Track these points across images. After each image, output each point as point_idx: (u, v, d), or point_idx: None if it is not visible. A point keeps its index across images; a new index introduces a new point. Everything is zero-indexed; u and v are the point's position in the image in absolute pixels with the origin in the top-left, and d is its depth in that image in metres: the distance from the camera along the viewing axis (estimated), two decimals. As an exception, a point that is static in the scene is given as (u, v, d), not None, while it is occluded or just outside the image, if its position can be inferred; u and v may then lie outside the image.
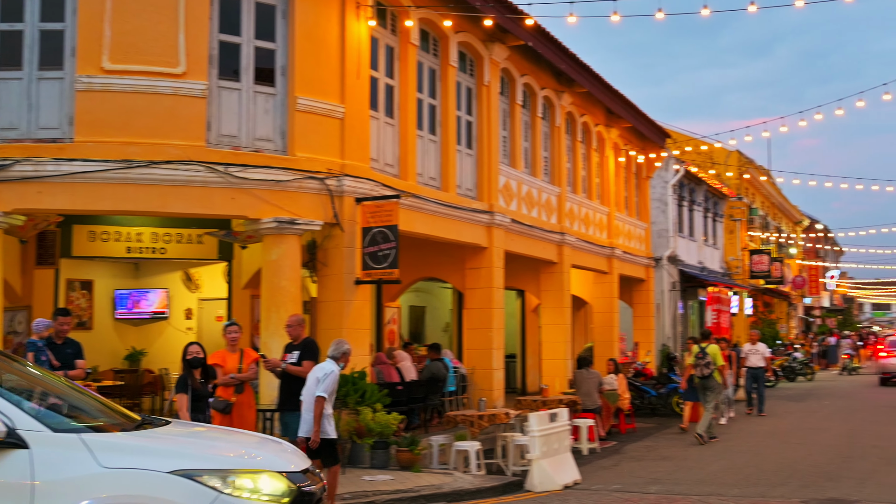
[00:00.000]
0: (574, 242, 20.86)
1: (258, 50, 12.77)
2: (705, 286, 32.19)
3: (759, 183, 43.07)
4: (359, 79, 13.52)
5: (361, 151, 13.53)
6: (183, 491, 5.38)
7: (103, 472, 5.30)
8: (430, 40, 15.97)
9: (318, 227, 12.87)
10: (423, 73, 15.71)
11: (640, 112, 24.52)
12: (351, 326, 13.05)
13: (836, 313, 70.29)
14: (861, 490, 11.56)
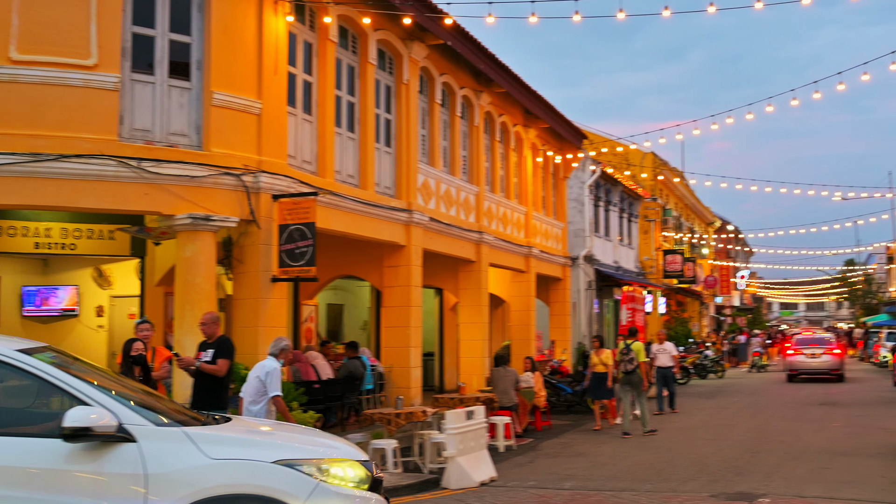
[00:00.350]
0: (492, 241, 21.00)
1: (173, 43, 12.55)
2: (620, 285, 32.70)
3: (673, 184, 43.96)
4: (276, 75, 13.39)
5: (279, 148, 13.41)
6: (288, 479, 5.72)
7: (212, 462, 5.60)
8: (349, 37, 15.90)
9: (233, 223, 12.70)
10: (341, 70, 15.63)
11: (558, 113, 24.81)
12: (267, 324, 12.93)
13: (746, 312, 72.11)
14: (767, 484, 11.87)
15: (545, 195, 26.45)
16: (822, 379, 32.92)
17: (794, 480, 12.13)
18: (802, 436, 16.95)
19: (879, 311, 68.48)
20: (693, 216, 52.34)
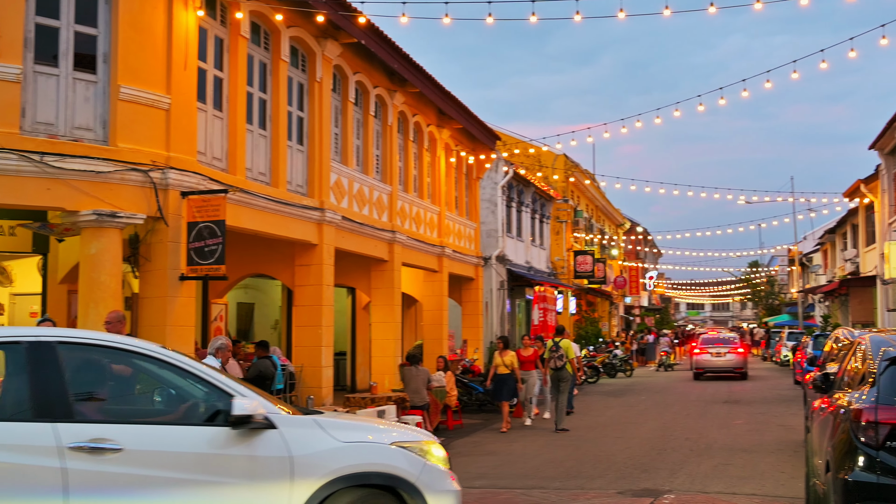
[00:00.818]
0: (405, 241, 21.01)
1: (78, 35, 12.23)
2: (532, 285, 33.03)
3: (584, 186, 44.58)
4: (186, 70, 13.17)
5: (188, 144, 13.19)
6: (404, 459, 6.52)
7: (342, 445, 6.32)
8: (261, 34, 15.73)
9: (140, 220, 12.46)
10: (253, 67, 15.46)
11: (471, 114, 24.95)
12: (175, 323, 12.72)
13: (655, 312, 73.51)
14: (672, 481, 12.13)
15: (458, 195, 26.57)
16: (726, 377, 33.86)
17: (698, 476, 12.41)
18: (706, 433, 17.36)
19: (781, 312, 70.63)
20: (604, 218, 53.17)
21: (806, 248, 60.31)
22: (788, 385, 30.23)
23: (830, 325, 39.03)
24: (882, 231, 31.28)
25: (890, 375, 7.03)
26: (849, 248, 41.59)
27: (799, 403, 21.17)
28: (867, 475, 6.73)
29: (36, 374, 5.73)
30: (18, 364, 5.77)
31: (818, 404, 9.25)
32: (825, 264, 51.68)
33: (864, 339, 8.25)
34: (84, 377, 6.18)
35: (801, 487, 10.75)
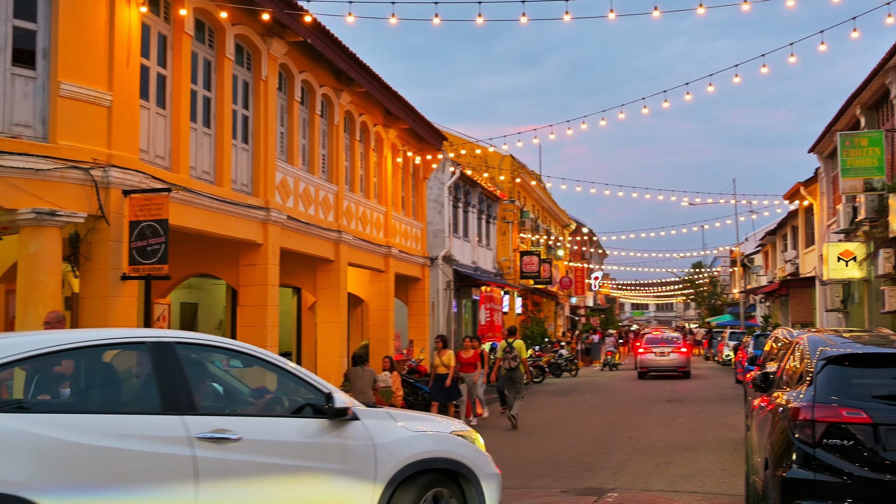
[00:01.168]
0: (351, 241, 20.94)
1: (17, 30, 11.99)
2: (479, 285, 33.13)
3: (531, 187, 44.82)
4: (128, 66, 12.99)
5: (130, 142, 13.00)
6: (464, 446, 7.46)
7: (413, 434, 7.17)
8: (205, 31, 15.57)
9: (81, 219, 12.25)
10: (197, 64, 15.29)
11: (418, 114, 24.94)
12: (116, 324, 12.52)
13: (600, 312, 74.19)
14: (616, 479, 12.25)
15: (405, 195, 26.55)
16: (670, 376, 34.33)
17: (641, 475, 12.56)
18: (650, 432, 17.56)
19: (723, 312, 71.68)
20: (550, 218, 53.50)
21: (748, 250, 61.30)
22: (730, 384, 30.70)
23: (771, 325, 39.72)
24: (821, 233, 31.90)
25: (827, 375, 7.17)
26: (789, 250, 42.35)
27: (740, 402, 21.50)
28: (804, 472, 6.86)
29: (162, 372, 6.27)
30: (145, 362, 6.34)
31: (758, 403, 9.40)
32: (766, 265, 52.57)
33: (802, 339, 8.41)
34: (200, 374, 6.85)
35: (742, 485, 10.92)
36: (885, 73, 21.42)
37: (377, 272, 23.84)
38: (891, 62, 20.72)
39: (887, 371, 7.24)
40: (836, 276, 26.12)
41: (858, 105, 24.41)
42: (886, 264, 21.81)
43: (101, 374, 6.53)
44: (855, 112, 24.98)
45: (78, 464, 5.63)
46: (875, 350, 7.56)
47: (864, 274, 25.11)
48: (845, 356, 7.32)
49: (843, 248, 25.77)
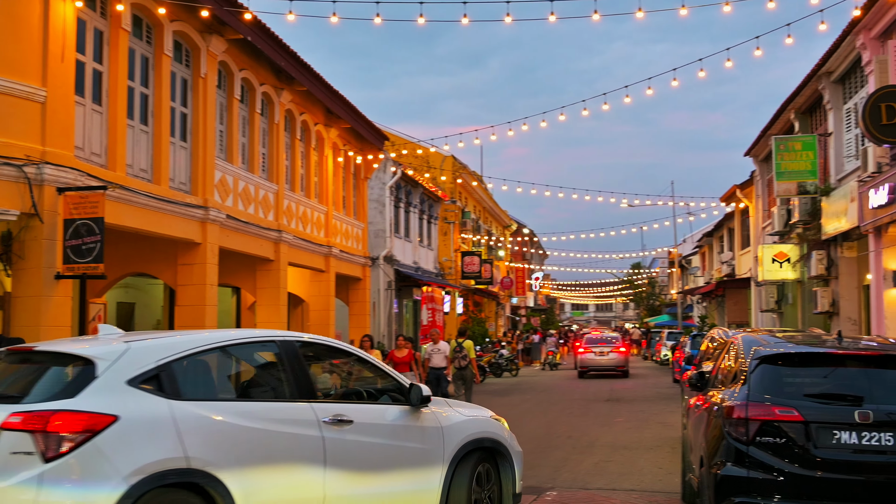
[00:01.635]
0: (291, 240, 20.80)
1: (-52, 23, 11.73)
2: (420, 285, 33.13)
3: (472, 188, 44.94)
4: (63, 62, 12.75)
5: (65, 139, 12.77)
6: (500, 428, 8.82)
7: (466, 418, 8.49)
8: (143, 27, 15.35)
9: (13, 216, 12.00)
10: (135, 61, 15.07)
11: (360, 113, 24.87)
12: (50, 324, 12.29)
13: (540, 313, 74.61)
14: (555, 478, 12.32)
15: (346, 195, 26.45)
16: (609, 375, 34.69)
17: (580, 473, 12.65)
18: (589, 431, 17.71)
19: (662, 312, 72.65)
20: (491, 219, 53.70)
21: (685, 251, 62.20)
22: (668, 383, 31.09)
23: (707, 326, 40.31)
24: (756, 235, 32.48)
25: (760, 374, 7.30)
26: (725, 251, 43.03)
27: (677, 401, 21.78)
28: (738, 470, 6.98)
29: (291, 365, 7.32)
30: (278, 358, 7.36)
31: (694, 402, 9.53)
32: (703, 266, 53.36)
33: (736, 339, 8.54)
34: (317, 368, 8.20)
35: (678, 483, 11.07)
36: (819, 80, 21.87)
37: (318, 272, 23.71)
38: (823, 68, 21.16)
39: (818, 370, 7.40)
40: (770, 277, 26.60)
41: (793, 110, 24.89)
42: (819, 266, 22.28)
43: (249, 367, 7.74)
44: (789, 117, 25.47)
45: (245, 444, 6.62)
46: (807, 349, 7.72)
47: (798, 275, 25.61)
48: (778, 356, 7.45)
49: (778, 250, 26.26)
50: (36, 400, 6.19)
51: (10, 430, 5.89)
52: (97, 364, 6.37)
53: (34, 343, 7.98)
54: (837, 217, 20.53)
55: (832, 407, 6.98)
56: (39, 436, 5.82)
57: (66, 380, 6.46)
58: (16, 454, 5.83)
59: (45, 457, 5.78)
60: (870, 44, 18.34)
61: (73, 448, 5.83)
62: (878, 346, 7.86)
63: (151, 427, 6.22)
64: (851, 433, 6.83)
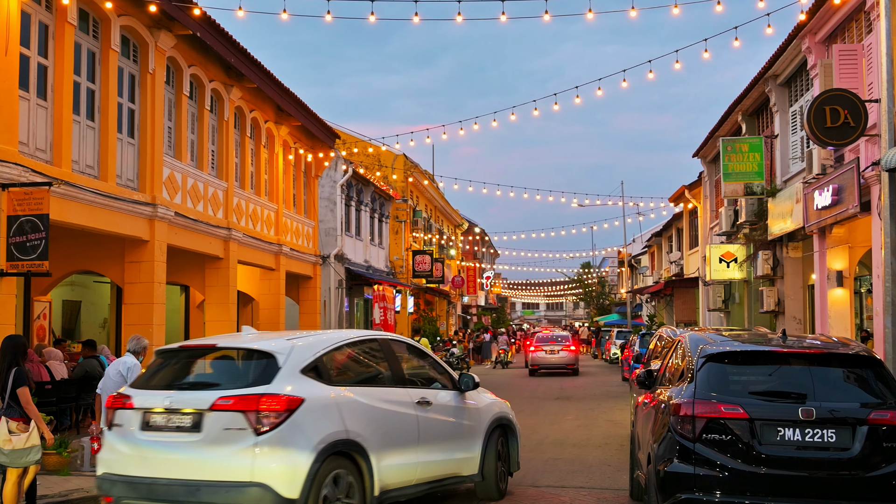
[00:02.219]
0: (241, 238, 20.64)
1: None
2: (371, 284, 33.05)
3: (423, 186, 44.94)
4: (6, 55, 12.50)
5: (8, 134, 12.53)
6: (509, 409, 11.22)
7: (492, 401, 10.86)
8: (90, 21, 15.11)
9: (-45, 213, 11.77)
10: (81, 55, 14.83)
11: (310, 111, 24.73)
12: (-8, 322, 12.07)
13: (491, 311, 74.85)
14: (504, 475, 12.35)
15: (297, 193, 26.30)
16: (559, 373, 34.95)
17: (529, 471, 12.68)
18: (538, 429, 17.78)
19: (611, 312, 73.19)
20: (442, 218, 53.73)
21: (635, 251, 62.74)
22: (617, 381, 31.35)
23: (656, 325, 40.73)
24: (704, 235, 32.86)
25: (706, 372, 7.39)
26: (674, 251, 43.51)
27: (626, 399, 21.97)
28: (684, 466, 7.06)
29: (390, 358, 9.54)
30: (381, 352, 9.54)
31: (642, 400, 9.63)
32: (652, 266, 53.89)
33: (684, 338, 8.65)
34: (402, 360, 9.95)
35: (626, 480, 11.16)
36: (765, 82, 22.19)
37: (268, 270, 23.55)
38: (770, 71, 21.47)
39: (763, 368, 7.52)
40: (717, 276, 26.94)
41: (740, 112, 25.22)
42: (765, 266, 22.61)
43: (365, 359, 9.46)
44: (737, 119, 25.80)
45: (375, 419, 8.47)
46: (752, 348, 7.83)
47: (745, 275, 25.97)
48: (724, 354, 7.56)
49: (725, 250, 26.60)
50: (237, 386, 7.77)
51: (221, 410, 7.48)
52: (277, 357, 7.97)
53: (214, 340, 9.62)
54: (783, 218, 20.85)
55: (776, 404, 7.09)
56: (252, 414, 7.42)
57: (257, 370, 7.95)
58: (229, 430, 7.44)
59: (256, 431, 7.40)
60: (815, 48, 18.64)
61: (279, 424, 7.47)
62: (821, 344, 8.00)
63: (323, 406, 7.97)
64: (795, 430, 6.94)
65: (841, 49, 16.77)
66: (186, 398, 7.84)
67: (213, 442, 7.47)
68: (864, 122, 14.32)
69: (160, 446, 7.73)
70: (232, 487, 7.39)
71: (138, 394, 8.05)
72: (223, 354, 8.60)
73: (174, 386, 8.23)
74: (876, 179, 14.78)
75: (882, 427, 6.90)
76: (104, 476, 8.02)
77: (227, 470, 7.41)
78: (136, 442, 7.87)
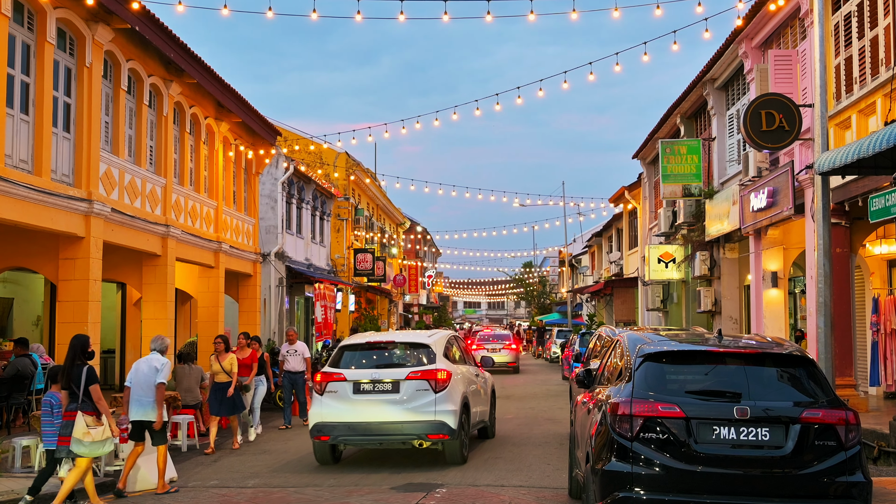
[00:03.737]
0: (179, 235, 20.37)
1: None
2: (312, 282, 32.86)
3: (365, 184, 44.80)
4: (-62, 46, 12.20)
5: (-61, 127, 12.22)
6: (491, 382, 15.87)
7: (489, 375, 16.50)
8: (24, 13, 14.77)
9: None
10: (15, 48, 14.49)
11: (251, 107, 24.50)
12: (-80, 320, 11.77)
13: (433, 310, 74.89)
14: (445, 475, 12.36)
15: (237, 190, 26.03)
16: (500, 371, 35.16)
17: (469, 470, 12.73)
18: (478, 427, 17.83)
19: (552, 311, 73.70)
20: (384, 216, 53.64)
21: (575, 250, 63.28)
22: (557, 381, 31.59)
23: (596, 324, 41.11)
24: (643, 235, 33.25)
25: (644, 371, 7.47)
26: (614, 251, 43.96)
27: (566, 398, 22.15)
28: (622, 465, 7.13)
29: (459, 345, 15.23)
30: (456, 343, 15.07)
31: (581, 399, 9.71)
32: (592, 266, 54.39)
33: (623, 337, 8.74)
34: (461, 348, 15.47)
35: (566, 478, 11.24)
36: (703, 86, 22.52)
37: (207, 268, 23.27)
38: (708, 75, 21.80)
39: (700, 367, 7.62)
40: (656, 276, 27.29)
41: (679, 114, 25.57)
42: (702, 266, 22.95)
43: (456, 348, 14.75)
44: (676, 121, 26.16)
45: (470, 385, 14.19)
46: (689, 348, 7.94)
47: (683, 275, 26.34)
48: (662, 353, 7.65)
49: (664, 251, 26.96)
50: (418, 365, 13.08)
51: (412, 379, 12.77)
52: (432, 347, 13.37)
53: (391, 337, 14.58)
54: (720, 219, 21.18)
55: (712, 403, 7.20)
56: (432, 381, 12.80)
57: (423, 355, 13.30)
58: (419, 390, 12.70)
59: (435, 390, 12.71)
60: (751, 52, 18.97)
61: (445, 387, 12.83)
62: (756, 344, 8.13)
63: (457, 377, 13.34)
64: (730, 429, 7.05)
65: (776, 54, 17.09)
66: (386, 373, 12.93)
67: (409, 398, 12.65)
68: (798, 126, 14.62)
69: (370, 403, 12.73)
70: (424, 422, 12.61)
71: (347, 372, 12.95)
72: (404, 346, 13.71)
73: (369, 366, 13.19)
74: (809, 182, 15.10)
75: (814, 425, 7.04)
76: (321, 424, 12.90)
77: (420, 413, 12.60)
78: (351, 400, 12.78)
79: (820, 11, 12.86)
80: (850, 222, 14.98)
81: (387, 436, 12.79)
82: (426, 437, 12.66)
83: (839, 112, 14.73)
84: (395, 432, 12.66)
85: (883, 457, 12.21)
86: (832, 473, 6.96)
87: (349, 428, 12.70)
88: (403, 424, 12.56)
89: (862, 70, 14.27)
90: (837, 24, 15.12)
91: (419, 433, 12.64)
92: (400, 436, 12.77)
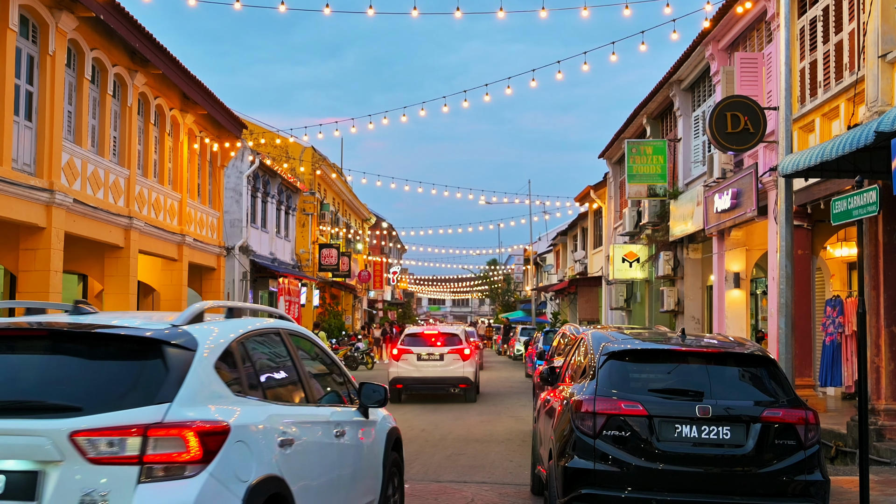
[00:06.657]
0: (142, 227, 20.16)
1: None
2: (276, 277, 32.69)
3: (331, 179, 44.64)
4: None
5: None
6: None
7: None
8: (-13, -2, 14.56)
9: None
10: (-23, 34, 14.27)
11: (217, 99, 24.31)
12: None
13: (398, 306, 74.82)
14: (407, 471, 12.19)
15: (201, 183, 25.81)
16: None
17: (432, 466, 12.73)
18: (442, 424, 17.85)
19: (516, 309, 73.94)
20: (350, 212, 53.48)
21: (540, 249, 63.48)
22: (521, 378, 31.68)
23: (560, 322, 41.28)
24: (608, 234, 33.41)
25: (608, 369, 7.50)
26: (578, 250, 44.14)
27: (529, 395, 22.21)
28: (585, 462, 7.15)
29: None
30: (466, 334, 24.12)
31: (545, 396, 9.72)
32: (557, 264, 54.58)
33: (586, 336, 8.76)
34: None
35: (528, 475, 11.28)
36: (670, 87, 22.67)
37: (170, 260, 23.06)
38: (675, 76, 21.94)
39: (663, 366, 7.66)
40: (620, 276, 27.45)
41: (645, 115, 25.71)
42: (666, 266, 23.10)
43: None
44: (642, 121, 26.31)
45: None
46: (652, 346, 7.98)
47: (646, 275, 26.50)
48: (625, 352, 7.68)
49: (628, 250, 27.12)
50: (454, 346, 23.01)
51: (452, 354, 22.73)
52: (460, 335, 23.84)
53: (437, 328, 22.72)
54: (684, 220, 21.33)
55: (674, 402, 7.24)
56: (460, 355, 22.85)
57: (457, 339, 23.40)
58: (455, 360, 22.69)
59: (462, 361, 22.69)
60: (718, 55, 19.11)
61: (473, 356, 23.66)
62: (718, 343, 8.19)
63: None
64: (692, 427, 7.10)
65: (742, 57, 17.23)
66: (435, 350, 22.61)
67: (447, 364, 22.12)
68: (763, 128, 14.75)
69: (429, 366, 21.96)
70: (459, 377, 21.93)
71: (414, 349, 22.67)
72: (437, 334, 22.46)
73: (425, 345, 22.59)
74: (773, 185, 15.24)
75: (774, 425, 7.11)
76: (398, 377, 22.24)
77: (458, 372, 21.96)
78: (416, 364, 22.21)
79: (786, 15, 12.99)
80: (812, 225, 15.14)
81: (436, 385, 22.50)
82: (458, 386, 22.37)
83: (803, 115, 14.87)
84: (441, 382, 22.57)
85: (840, 456, 12.38)
86: (791, 472, 7.03)
87: (414, 379, 22.48)
88: (445, 377, 22.44)
89: (826, 74, 14.43)
90: (803, 29, 15.27)
91: (454, 383, 22.33)
92: (443, 385, 22.51)
